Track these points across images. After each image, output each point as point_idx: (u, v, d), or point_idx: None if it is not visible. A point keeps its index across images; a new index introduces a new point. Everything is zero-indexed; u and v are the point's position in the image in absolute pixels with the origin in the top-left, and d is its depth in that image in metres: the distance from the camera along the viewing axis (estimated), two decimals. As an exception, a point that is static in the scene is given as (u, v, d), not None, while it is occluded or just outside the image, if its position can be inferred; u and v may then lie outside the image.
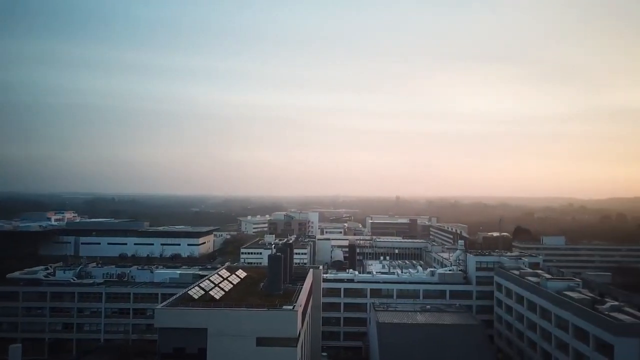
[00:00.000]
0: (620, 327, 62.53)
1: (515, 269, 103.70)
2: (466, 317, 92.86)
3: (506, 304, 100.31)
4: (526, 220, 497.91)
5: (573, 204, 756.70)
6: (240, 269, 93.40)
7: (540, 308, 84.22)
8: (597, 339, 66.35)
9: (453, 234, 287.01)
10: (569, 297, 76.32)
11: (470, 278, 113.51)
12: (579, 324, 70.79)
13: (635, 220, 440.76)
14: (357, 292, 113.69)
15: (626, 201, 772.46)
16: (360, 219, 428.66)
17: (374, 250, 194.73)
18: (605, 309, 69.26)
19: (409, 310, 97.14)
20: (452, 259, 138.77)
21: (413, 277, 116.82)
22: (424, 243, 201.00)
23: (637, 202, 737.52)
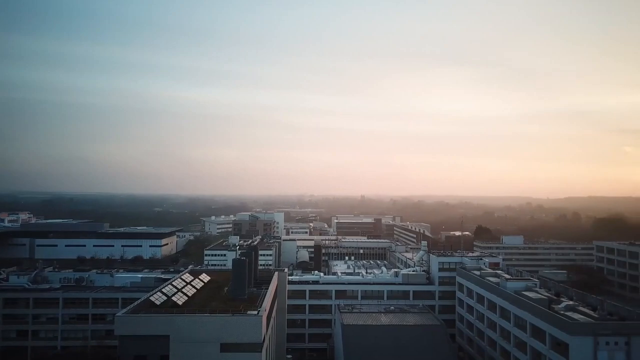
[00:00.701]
0: (575, 327, 64.87)
1: (476, 269, 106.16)
2: (429, 318, 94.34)
3: (467, 303, 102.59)
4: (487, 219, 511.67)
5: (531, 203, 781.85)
6: (204, 272, 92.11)
7: (500, 308, 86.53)
8: (553, 338, 68.66)
9: (416, 234, 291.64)
10: (526, 297, 78.66)
11: (433, 278, 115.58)
12: (536, 323, 73.09)
13: (588, 219, 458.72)
14: (323, 293, 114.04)
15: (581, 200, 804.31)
16: (326, 218, 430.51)
17: (339, 251, 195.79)
18: (561, 309, 71.76)
19: (373, 312, 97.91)
20: (415, 259, 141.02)
21: (377, 278, 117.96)
22: (388, 243, 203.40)
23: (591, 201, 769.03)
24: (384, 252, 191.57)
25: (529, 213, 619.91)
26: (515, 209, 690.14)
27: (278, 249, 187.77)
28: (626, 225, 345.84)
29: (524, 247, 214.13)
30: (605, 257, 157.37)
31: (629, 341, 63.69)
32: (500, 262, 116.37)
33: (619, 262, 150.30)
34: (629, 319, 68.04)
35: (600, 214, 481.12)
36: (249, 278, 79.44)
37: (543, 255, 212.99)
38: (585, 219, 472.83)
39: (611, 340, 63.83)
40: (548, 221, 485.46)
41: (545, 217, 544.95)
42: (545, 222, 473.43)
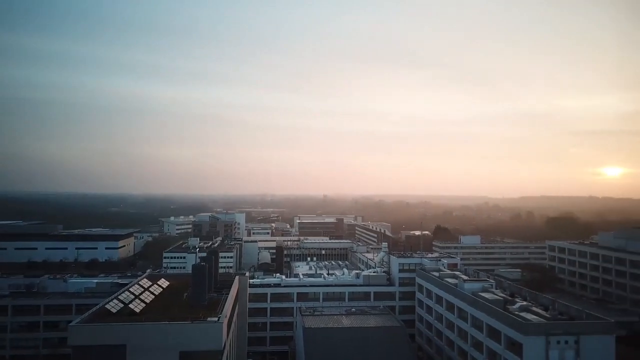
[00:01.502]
0: (528, 327, 67.12)
1: (436, 270, 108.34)
2: (389, 319, 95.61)
3: (427, 304, 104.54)
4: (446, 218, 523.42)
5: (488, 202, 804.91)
6: (163, 277, 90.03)
7: (458, 309, 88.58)
8: (508, 338, 70.80)
9: (377, 233, 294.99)
10: (483, 298, 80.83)
11: (394, 279, 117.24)
12: (492, 324, 75.22)
13: (541, 218, 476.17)
14: (284, 296, 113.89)
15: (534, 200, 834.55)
16: (288, 218, 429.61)
17: (301, 252, 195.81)
18: (515, 309, 74.15)
19: (334, 314, 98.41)
20: (376, 260, 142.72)
21: (339, 280, 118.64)
22: (349, 243, 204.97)
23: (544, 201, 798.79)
24: (346, 253, 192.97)
25: (485, 212, 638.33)
26: (473, 209, 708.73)
27: (239, 250, 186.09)
28: (575, 224, 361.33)
29: (481, 247, 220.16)
30: (557, 256, 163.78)
31: (578, 340, 66.36)
32: (458, 262, 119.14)
33: (570, 261, 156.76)
34: (578, 318, 71.00)
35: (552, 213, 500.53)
36: (209, 283, 78.22)
37: (499, 255, 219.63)
38: (539, 218, 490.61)
39: (562, 339, 66.35)
40: (504, 220, 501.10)
41: (501, 216, 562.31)
42: (501, 221, 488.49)
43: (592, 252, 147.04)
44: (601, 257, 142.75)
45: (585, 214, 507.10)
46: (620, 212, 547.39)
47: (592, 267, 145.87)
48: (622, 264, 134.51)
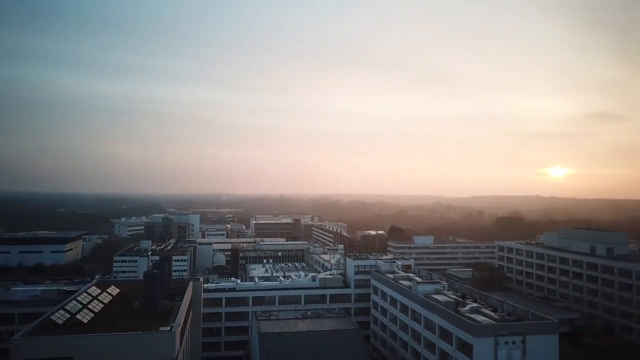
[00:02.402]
0: (478, 328, 69.33)
1: (390, 272, 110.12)
2: (344, 322, 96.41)
3: (382, 306, 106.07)
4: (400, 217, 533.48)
5: (441, 202, 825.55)
6: (113, 284, 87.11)
7: (412, 310, 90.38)
8: (459, 339, 72.86)
9: (334, 234, 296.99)
10: (435, 300, 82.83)
11: (349, 281, 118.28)
12: (444, 325, 77.20)
13: (491, 217, 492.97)
14: (240, 300, 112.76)
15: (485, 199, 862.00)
16: (245, 219, 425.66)
17: (257, 254, 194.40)
18: (466, 311, 76.41)
19: (290, 318, 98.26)
20: (332, 262, 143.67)
21: (295, 283, 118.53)
22: (306, 245, 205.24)
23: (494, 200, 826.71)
24: (303, 254, 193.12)
25: (438, 212, 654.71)
26: (427, 208, 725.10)
27: (193, 253, 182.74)
28: (523, 223, 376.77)
29: (434, 247, 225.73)
30: (505, 256, 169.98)
31: (524, 340, 69.12)
32: (412, 264, 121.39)
33: (517, 261, 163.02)
34: (525, 318, 73.94)
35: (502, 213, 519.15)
36: (162, 290, 76.38)
37: (451, 254, 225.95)
38: (489, 217, 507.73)
39: (509, 339, 68.92)
40: (456, 220, 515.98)
41: (453, 216, 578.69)
42: (453, 221, 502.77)
43: (537, 252, 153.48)
44: (546, 256, 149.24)
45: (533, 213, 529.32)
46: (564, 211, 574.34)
47: (538, 266, 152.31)
48: (565, 263, 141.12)
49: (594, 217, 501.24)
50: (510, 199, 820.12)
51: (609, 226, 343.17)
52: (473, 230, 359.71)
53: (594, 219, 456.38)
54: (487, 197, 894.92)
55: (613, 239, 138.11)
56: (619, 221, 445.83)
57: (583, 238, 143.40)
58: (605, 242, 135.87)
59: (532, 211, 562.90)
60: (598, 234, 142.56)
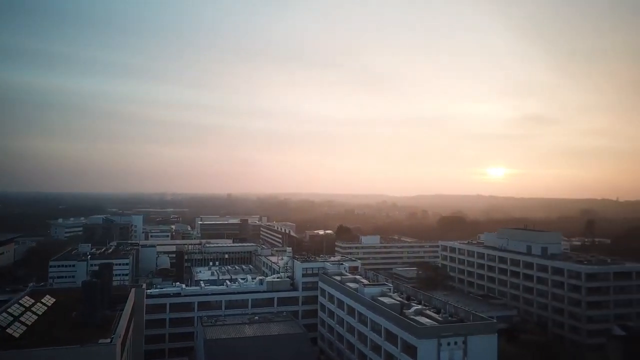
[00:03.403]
0: (422, 331, 71.11)
1: (338, 274, 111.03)
2: (292, 326, 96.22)
3: (329, 308, 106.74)
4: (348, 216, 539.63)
5: (387, 201, 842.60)
6: (48, 293, 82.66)
7: (358, 313, 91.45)
8: (404, 341, 74.43)
9: (282, 234, 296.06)
10: (381, 302, 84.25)
11: (297, 284, 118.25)
12: (390, 328, 78.66)
13: (435, 216, 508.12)
14: (184, 306, 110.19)
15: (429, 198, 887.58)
16: (190, 219, 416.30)
17: (203, 256, 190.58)
18: (411, 313, 78.20)
19: (237, 323, 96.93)
20: (280, 264, 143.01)
21: (242, 287, 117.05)
22: (253, 246, 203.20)
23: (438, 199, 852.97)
24: (250, 256, 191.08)
25: (384, 211, 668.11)
26: (373, 207, 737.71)
27: (136, 256, 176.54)
28: (464, 222, 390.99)
29: (380, 247, 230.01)
30: (448, 256, 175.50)
31: (465, 340, 71.59)
32: (359, 265, 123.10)
33: (459, 260, 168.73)
34: (467, 319, 76.55)
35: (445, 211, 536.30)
36: (102, 299, 73.23)
37: (396, 254, 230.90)
38: (432, 216, 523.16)
39: (452, 340, 71.15)
40: (401, 219, 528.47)
41: (398, 215, 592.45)
42: (398, 220, 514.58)
43: (478, 252, 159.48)
44: (486, 256, 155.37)
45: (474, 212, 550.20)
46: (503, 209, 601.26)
47: (479, 265, 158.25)
48: (504, 262, 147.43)
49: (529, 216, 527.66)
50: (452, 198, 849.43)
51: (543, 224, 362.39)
52: (418, 229, 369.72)
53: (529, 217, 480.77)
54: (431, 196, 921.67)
55: (547, 238, 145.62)
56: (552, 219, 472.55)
57: (520, 238, 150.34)
58: (540, 242, 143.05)
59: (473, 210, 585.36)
60: (534, 234, 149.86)
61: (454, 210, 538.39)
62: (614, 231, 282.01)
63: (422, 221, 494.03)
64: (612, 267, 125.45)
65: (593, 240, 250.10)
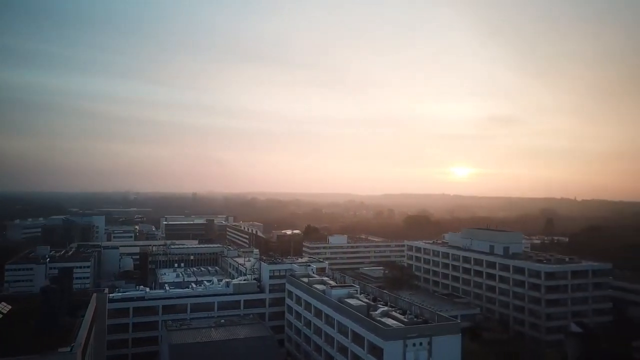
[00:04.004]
0: (388, 332, 71.95)
1: (305, 276, 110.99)
2: (259, 329, 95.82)
3: (296, 310, 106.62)
4: (316, 216, 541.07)
5: (355, 200, 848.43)
6: (4, 300, 79.45)
7: (325, 315, 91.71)
8: (370, 343, 75.12)
9: (249, 235, 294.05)
10: (348, 304, 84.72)
11: (264, 286, 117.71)
12: (357, 329, 79.22)
13: (401, 215, 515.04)
14: (149, 310, 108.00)
15: (396, 197, 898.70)
16: (154, 219, 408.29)
17: (168, 258, 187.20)
18: (378, 315, 78.99)
19: (203, 327, 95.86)
20: (247, 265, 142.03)
21: (208, 290, 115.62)
22: (220, 248, 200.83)
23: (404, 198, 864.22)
24: (216, 257, 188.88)
25: (352, 209, 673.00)
26: (341, 206, 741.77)
27: (98, 258, 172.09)
28: (430, 221, 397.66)
29: (348, 247, 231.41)
30: (414, 255, 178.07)
31: (430, 341, 72.86)
32: (326, 267, 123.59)
33: (425, 260, 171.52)
34: (431, 320, 77.92)
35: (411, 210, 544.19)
36: (61, 306, 70.98)
37: (363, 253, 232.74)
38: (399, 216, 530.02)
39: (417, 341, 72.28)
40: (368, 218, 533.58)
41: (366, 214, 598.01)
42: (365, 219, 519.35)
43: (443, 252, 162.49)
44: (451, 255, 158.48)
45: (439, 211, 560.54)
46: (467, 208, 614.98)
47: (444, 265, 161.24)
48: (467, 262, 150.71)
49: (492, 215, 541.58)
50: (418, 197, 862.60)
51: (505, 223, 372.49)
52: (384, 228, 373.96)
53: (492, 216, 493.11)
54: (398, 195, 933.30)
55: (509, 238, 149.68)
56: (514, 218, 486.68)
57: (483, 238, 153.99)
58: (502, 242, 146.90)
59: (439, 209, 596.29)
60: (496, 234, 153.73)
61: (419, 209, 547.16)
62: (571, 229, 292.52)
63: (389, 220, 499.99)
64: (570, 265, 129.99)
65: (552, 238, 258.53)
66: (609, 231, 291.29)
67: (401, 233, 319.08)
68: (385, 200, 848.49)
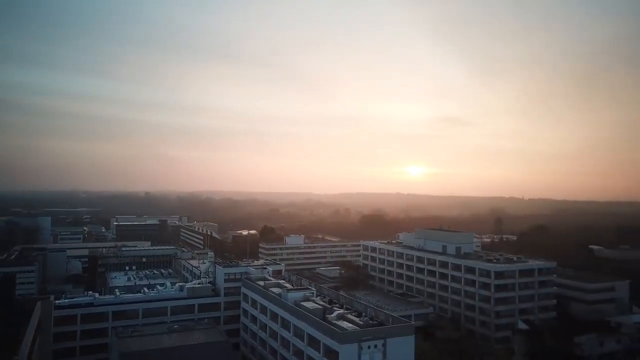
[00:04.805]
0: (343, 336, 72.42)
1: (261, 279, 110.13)
2: (213, 333, 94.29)
3: (252, 313, 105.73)
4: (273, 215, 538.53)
5: (312, 199, 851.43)
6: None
7: (281, 318, 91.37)
8: (326, 347, 75.40)
9: (204, 236, 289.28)
10: (304, 307, 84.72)
11: (219, 289, 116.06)
12: (312, 333, 79.35)
13: (357, 214, 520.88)
14: (98, 316, 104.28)
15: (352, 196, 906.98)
16: (105, 219, 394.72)
17: (119, 260, 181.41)
18: (333, 318, 79.37)
19: (155, 333, 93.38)
20: (202, 268, 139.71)
21: (160, 294, 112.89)
22: (173, 249, 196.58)
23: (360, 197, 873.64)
24: (170, 260, 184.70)
25: (309, 209, 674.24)
26: (298, 205, 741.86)
27: (43, 262, 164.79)
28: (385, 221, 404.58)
29: (304, 247, 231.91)
30: (369, 255, 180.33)
31: (385, 343, 73.85)
32: (282, 269, 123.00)
33: (380, 260, 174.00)
34: (386, 322, 79.02)
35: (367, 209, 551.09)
36: (3, 315, 67.54)
37: (320, 254, 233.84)
38: (355, 215, 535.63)
39: (372, 344, 73.05)
40: (325, 217, 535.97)
41: (322, 213, 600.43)
42: (323, 218, 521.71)
43: (397, 252, 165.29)
44: (405, 255, 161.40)
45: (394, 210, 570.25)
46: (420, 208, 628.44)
47: (398, 264, 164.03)
48: (421, 262, 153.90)
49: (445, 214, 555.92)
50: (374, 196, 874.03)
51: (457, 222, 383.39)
52: (341, 227, 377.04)
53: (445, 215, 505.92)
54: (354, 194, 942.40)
55: (461, 238, 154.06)
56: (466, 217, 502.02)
57: (436, 238, 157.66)
58: (454, 242, 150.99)
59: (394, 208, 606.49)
60: (448, 235, 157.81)
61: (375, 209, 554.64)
62: (519, 228, 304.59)
63: (346, 219, 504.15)
64: (517, 265, 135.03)
65: (502, 237, 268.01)
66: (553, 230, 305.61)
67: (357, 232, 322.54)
68: (343, 199, 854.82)
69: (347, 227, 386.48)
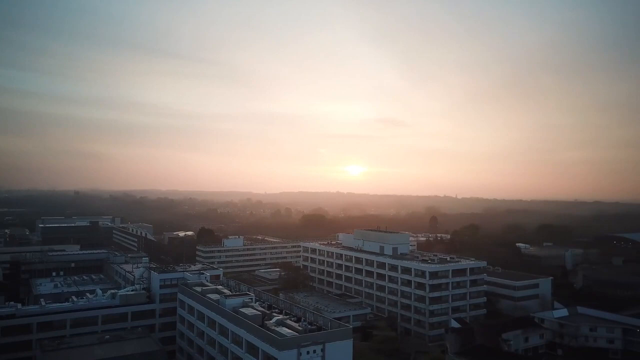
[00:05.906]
0: (282, 342, 72.07)
1: (199, 285, 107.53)
2: (148, 343, 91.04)
3: (188, 320, 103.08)
4: (211, 215, 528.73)
5: (251, 198, 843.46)
6: None
7: (219, 325, 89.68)
8: (265, 353, 74.79)
9: (138, 237, 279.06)
10: (243, 314, 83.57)
11: (154, 296, 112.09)
12: (251, 340, 78.47)
13: (298, 214, 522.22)
14: (20, 328, 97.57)
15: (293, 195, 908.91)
16: (29, 221, 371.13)
17: (45, 266, 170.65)
18: (272, 324, 78.83)
19: (85, 345, 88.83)
20: (136, 273, 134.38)
21: (90, 302, 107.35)
22: (105, 253, 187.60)
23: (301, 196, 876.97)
24: (101, 264, 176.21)
25: (249, 208, 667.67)
26: (237, 205, 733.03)
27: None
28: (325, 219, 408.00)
29: (243, 249, 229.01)
30: (309, 257, 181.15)
31: (324, 348, 74.30)
32: (220, 274, 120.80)
33: (319, 261, 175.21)
34: (325, 326, 79.55)
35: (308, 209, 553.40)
36: None
37: (260, 255, 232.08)
38: (296, 214, 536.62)
39: (310, 349, 73.22)
40: (265, 217, 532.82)
41: (263, 212, 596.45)
42: (263, 218, 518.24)
43: (336, 253, 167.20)
44: (344, 256, 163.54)
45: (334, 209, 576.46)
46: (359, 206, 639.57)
47: (337, 265, 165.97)
48: (359, 263, 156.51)
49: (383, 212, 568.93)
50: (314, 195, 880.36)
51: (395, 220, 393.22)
52: (281, 228, 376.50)
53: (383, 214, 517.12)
54: (295, 193, 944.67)
55: (397, 239, 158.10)
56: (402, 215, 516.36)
57: (374, 239, 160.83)
58: (391, 243, 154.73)
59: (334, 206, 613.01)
60: (385, 235, 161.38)
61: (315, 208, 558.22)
62: (453, 227, 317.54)
63: (286, 219, 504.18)
64: (451, 265, 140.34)
65: (436, 236, 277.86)
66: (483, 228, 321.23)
67: (298, 232, 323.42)
68: (283, 198, 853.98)
69: (287, 227, 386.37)
